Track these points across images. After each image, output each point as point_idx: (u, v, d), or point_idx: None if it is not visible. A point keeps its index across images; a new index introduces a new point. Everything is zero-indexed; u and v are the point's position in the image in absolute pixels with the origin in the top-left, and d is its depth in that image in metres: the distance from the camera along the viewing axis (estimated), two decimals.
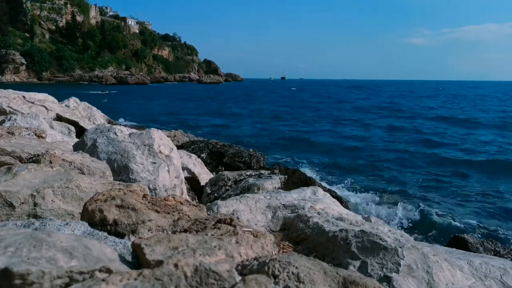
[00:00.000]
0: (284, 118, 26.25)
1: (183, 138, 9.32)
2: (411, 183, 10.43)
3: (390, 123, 23.69)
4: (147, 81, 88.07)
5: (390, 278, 1.71)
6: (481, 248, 4.06)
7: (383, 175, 11.30)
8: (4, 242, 0.88)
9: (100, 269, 0.87)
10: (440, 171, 11.73)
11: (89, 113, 7.54)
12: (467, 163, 13.13)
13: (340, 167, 12.23)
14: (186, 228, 1.42)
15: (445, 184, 10.33)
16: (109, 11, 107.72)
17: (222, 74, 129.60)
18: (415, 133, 19.99)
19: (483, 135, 19.52)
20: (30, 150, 2.53)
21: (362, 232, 1.94)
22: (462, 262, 1.99)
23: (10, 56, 70.40)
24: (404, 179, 10.86)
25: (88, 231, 1.32)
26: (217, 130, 19.50)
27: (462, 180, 10.73)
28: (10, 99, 5.83)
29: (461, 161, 13.34)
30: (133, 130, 3.69)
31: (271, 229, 2.45)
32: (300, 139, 17.44)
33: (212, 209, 2.48)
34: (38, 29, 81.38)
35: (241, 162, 6.60)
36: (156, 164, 3.11)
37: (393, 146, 16.25)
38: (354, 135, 19.17)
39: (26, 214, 1.62)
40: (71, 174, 1.95)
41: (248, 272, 1.02)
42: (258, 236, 1.42)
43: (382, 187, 10.05)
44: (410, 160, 13.47)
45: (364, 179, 10.80)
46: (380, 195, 9.16)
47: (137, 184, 1.88)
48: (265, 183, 3.96)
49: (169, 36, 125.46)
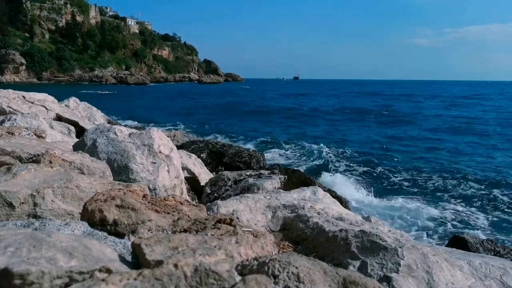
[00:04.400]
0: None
1: (183, 138, 9.33)
2: (411, 183, 10.43)
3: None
4: (147, 81, 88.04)
5: (390, 278, 1.71)
6: (481, 248, 4.06)
7: (383, 175, 11.30)
8: (4, 242, 0.88)
9: (100, 269, 0.87)
10: (440, 171, 11.74)
11: (89, 113, 7.54)
12: (467, 163, 13.14)
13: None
14: (186, 228, 1.42)
15: (445, 184, 10.33)
16: (109, 11, 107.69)
17: (222, 74, 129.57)
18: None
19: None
20: (30, 150, 2.53)
21: (362, 232, 1.94)
22: (462, 262, 1.99)
23: (10, 56, 70.38)
24: (404, 179, 10.87)
25: (88, 231, 1.32)
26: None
27: (462, 180, 10.73)
28: (10, 99, 5.83)
29: (461, 161, 13.35)
30: (133, 130, 3.69)
31: (271, 229, 2.45)
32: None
33: (212, 209, 2.48)
34: (38, 29, 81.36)
35: (241, 162, 6.61)
36: (156, 164, 3.11)
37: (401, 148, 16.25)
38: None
39: (26, 214, 1.62)
40: (71, 174, 1.95)
41: (248, 272, 1.02)
42: (258, 236, 1.42)
43: (381, 186, 10.06)
44: (411, 160, 13.47)
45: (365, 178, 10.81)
46: (380, 194, 9.17)
47: (137, 184, 1.88)
48: (265, 183, 3.96)
49: (169, 36, 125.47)
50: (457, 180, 10.60)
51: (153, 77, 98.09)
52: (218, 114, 27.98)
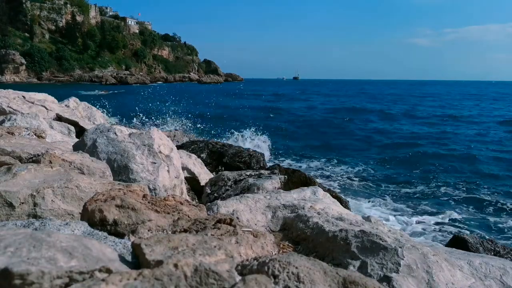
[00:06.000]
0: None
1: (183, 138, 9.33)
2: (411, 183, 10.43)
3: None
4: (147, 81, 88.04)
5: (390, 278, 1.71)
6: (481, 248, 4.05)
7: (383, 174, 11.31)
8: (4, 242, 0.88)
9: (100, 269, 0.87)
10: (439, 171, 11.73)
11: (89, 113, 7.54)
12: (467, 163, 13.13)
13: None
14: (186, 228, 1.42)
15: (445, 184, 10.34)
16: (109, 11, 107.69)
17: (222, 74, 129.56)
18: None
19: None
20: (30, 150, 2.53)
21: (362, 232, 1.94)
22: (462, 262, 1.99)
23: (10, 56, 70.40)
24: (404, 178, 10.87)
25: (88, 231, 1.32)
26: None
27: (462, 179, 10.73)
28: (10, 99, 5.83)
29: (461, 161, 13.35)
30: (133, 130, 3.69)
31: (271, 229, 2.45)
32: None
33: (212, 209, 2.48)
34: (38, 29, 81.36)
35: (241, 162, 6.61)
36: (156, 164, 3.11)
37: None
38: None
39: (26, 214, 1.62)
40: (71, 174, 1.95)
41: (248, 272, 1.02)
42: (258, 236, 1.42)
43: (381, 186, 10.06)
44: (411, 160, 13.47)
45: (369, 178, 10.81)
46: (380, 195, 9.17)
47: (137, 184, 1.88)
48: (265, 183, 3.96)
49: (169, 36, 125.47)
50: (457, 179, 10.61)
51: (153, 77, 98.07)
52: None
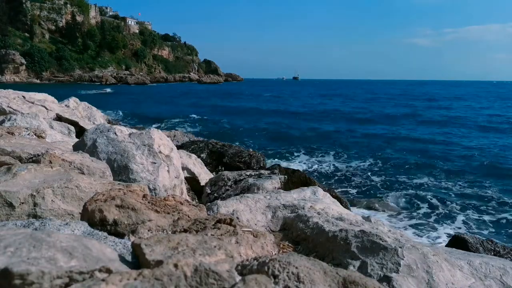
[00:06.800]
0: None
1: (183, 138, 9.32)
2: (411, 183, 10.43)
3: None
4: (147, 81, 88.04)
5: (390, 278, 1.71)
6: (481, 248, 4.05)
7: (383, 174, 11.31)
8: (4, 242, 0.88)
9: (100, 269, 0.87)
10: (439, 171, 11.73)
11: (89, 113, 7.54)
12: (468, 162, 13.14)
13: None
14: (186, 228, 1.42)
15: (445, 183, 10.34)
16: (109, 11, 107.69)
17: (222, 74, 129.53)
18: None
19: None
20: (30, 150, 2.53)
21: (362, 232, 1.94)
22: (462, 262, 1.99)
23: (10, 56, 70.37)
24: (403, 178, 10.87)
25: (88, 231, 1.32)
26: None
27: (461, 179, 10.73)
28: (10, 99, 5.83)
29: (461, 162, 13.35)
30: (133, 130, 3.69)
31: (271, 229, 2.45)
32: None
33: (212, 209, 2.48)
34: (38, 29, 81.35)
35: (241, 162, 6.61)
36: (156, 164, 3.11)
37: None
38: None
39: (26, 214, 1.62)
40: (71, 174, 1.95)
41: (248, 272, 1.02)
42: (258, 236, 1.42)
43: (381, 186, 10.06)
44: (411, 159, 13.47)
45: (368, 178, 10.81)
46: (379, 194, 9.17)
47: (137, 184, 1.88)
48: (265, 183, 3.96)
49: (169, 36, 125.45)
50: (456, 179, 10.61)
51: (153, 77, 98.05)
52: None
